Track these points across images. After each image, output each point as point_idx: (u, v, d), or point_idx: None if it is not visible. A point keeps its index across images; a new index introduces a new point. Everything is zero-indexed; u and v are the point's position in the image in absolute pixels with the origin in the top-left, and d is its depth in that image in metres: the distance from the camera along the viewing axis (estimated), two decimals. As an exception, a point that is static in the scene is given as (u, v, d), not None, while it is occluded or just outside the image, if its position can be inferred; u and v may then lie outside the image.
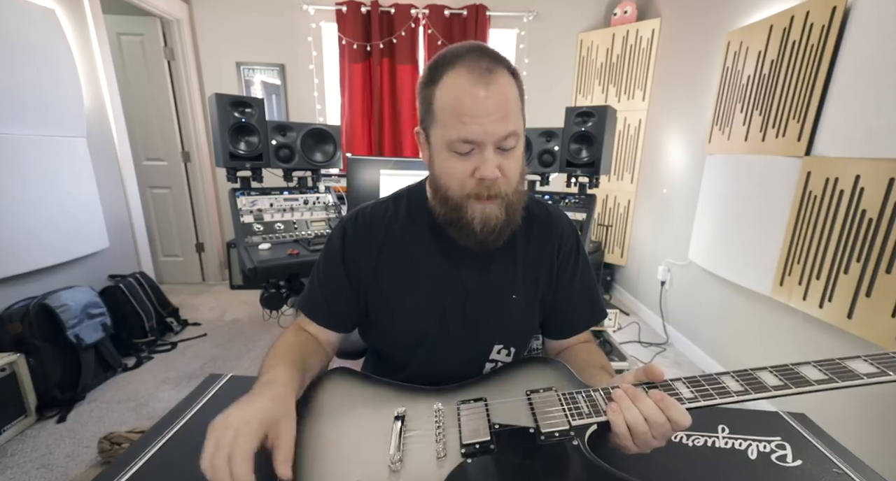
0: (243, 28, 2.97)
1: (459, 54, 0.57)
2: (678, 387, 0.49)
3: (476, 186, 0.59)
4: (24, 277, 1.81)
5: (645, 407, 0.46)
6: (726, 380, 0.48)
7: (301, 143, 1.92)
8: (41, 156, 1.86)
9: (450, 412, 0.55)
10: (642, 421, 0.46)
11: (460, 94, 0.55)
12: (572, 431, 0.49)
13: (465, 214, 0.61)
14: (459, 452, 0.49)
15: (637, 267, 3.04)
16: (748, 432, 0.59)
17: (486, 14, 2.94)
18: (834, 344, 1.49)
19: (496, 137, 0.56)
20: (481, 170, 0.57)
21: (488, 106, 0.54)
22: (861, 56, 1.39)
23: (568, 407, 0.52)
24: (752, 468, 0.53)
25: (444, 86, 0.57)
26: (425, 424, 0.53)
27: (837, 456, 0.55)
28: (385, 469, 0.48)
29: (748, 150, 1.87)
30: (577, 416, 0.50)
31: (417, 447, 0.51)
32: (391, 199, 0.75)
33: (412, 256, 0.69)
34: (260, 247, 1.69)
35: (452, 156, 0.58)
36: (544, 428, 0.49)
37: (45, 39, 1.90)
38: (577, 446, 0.48)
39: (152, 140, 2.99)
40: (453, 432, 0.51)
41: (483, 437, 0.49)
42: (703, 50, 2.29)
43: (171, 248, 3.24)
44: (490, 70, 0.55)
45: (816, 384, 0.46)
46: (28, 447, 1.53)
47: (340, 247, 0.70)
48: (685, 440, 0.59)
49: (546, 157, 2.01)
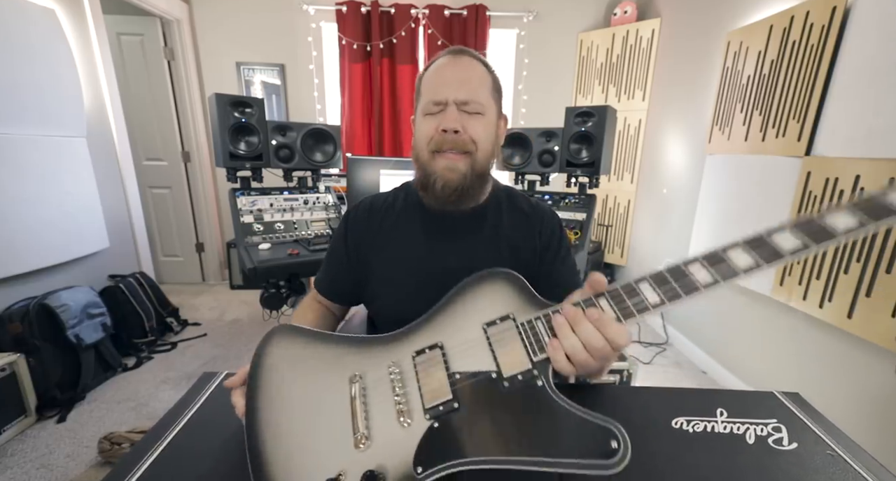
0: (243, 28, 2.97)
1: (445, 51, 0.72)
2: (643, 290, 0.46)
3: (439, 139, 0.67)
4: (24, 277, 1.81)
5: (583, 331, 0.45)
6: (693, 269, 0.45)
7: (301, 143, 1.92)
8: (41, 156, 1.86)
9: (406, 366, 0.52)
10: (581, 349, 0.45)
11: (435, 69, 0.71)
12: (535, 370, 0.46)
13: (429, 173, 0.70)
14: (424, 416, 0.47)
15: (637, 267, 3.04)
16: (745, 415, 0.60)
17: (486, 14, 2.94)
18: (834, 344, 1.49)
19: (457, 98, 0.67)
20: (443, 122, 0.67)
21: (453, 74, 0.68)
22: (861, 56, 1.39)
23: (528, 338, 0.49)
24: (751, 452, 0.54)
25: (429, 69, 0.72)
26: (383, 386, 0.50)
27: (831, 437, 0.57)
28: (352, 449, 0.46)
29: (748, 150, 1.87)
30: (539, 350, 0.47)
31: (381, 415, 0.48)
32: (393, 190, 0.84)
33: (403, 239, 0.77)
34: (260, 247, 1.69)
35: (426, 119, 0.69)
36: (506, 372, 0.47)
37: (45, 39, 1.90)
38: (542, 387, 0.46)
39: (152, 140, 2.99)
40: (414, 393, 0.49)
41: (445, 397, 0.47)
42: (703, 50, 2.29)
43: (171, 248, 3.25)
44: (460, 52, 0.71)
45: (790, 254, 0.43)
46: (28, 447, 1.53)
47: (343, 229, 0.81)
48: (685, 426, 0.59)
49: (546, 157, 2.01)
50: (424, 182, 0.71)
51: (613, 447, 0.39)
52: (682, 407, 0.62)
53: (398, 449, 0.45)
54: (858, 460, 0.53)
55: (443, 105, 0.67)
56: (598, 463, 0.39)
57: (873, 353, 1.34)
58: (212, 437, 0.60)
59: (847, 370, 1.44)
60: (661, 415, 0.60)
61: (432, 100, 0.68)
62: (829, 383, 1.51)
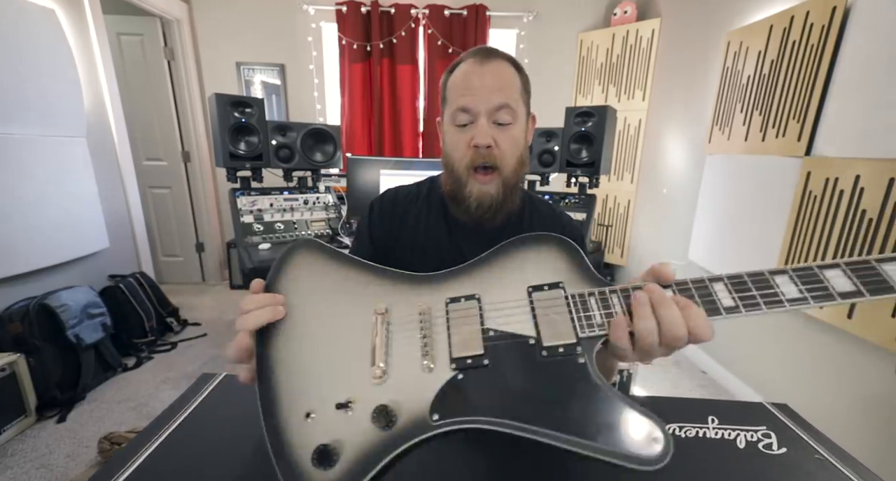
0: (243, 28, 2.97)
1: (471, 52, 0.69)
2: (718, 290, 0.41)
3: (473, 155, 0.65)
4: (24, 277, 1.81)
5: (667, 314, 0.39)
6: (780, 281, 0.39)
7: (301, 143, 1.92)
8: (41, 157, 1.86)
9: (437, 311, 0.48)
10: (654, 333, 0.40)
11: (462, 74, 0.66)
12: (579, 346, 0.42)
13: (464, 189, 0.68)
14: (449, 366, 0.44)
15: (637, 267, 3.04)
16: (735, 422, 0.62)
17: (486, 14, 2.94)
18: (834, 344, 1.49)
19: (489, 107, 0.63)
20: (475, 137, 0.64)
21: (483, 79, 0.64)
22: (861, 56, 1.39)
23: (576, 312, 0.44)
24: (742, 457, 0.56)
25: (455, 72, 0.68)
26: (410, 327, 0.47)
27: (818, 443, 0.58)
28: (368, 381, 0.44)
29: (748, 150, 1.87)
30: (587, 327, 0.43)
31: (401, 357, 0.46)
32: (416, 184, 0.83)
33: (424, 233, 0.76)
34: (260, 247, 1.69)
35: (455, 130, 0.66)
36: (546, 341, 0.43)
37: (45, 39, 1.90)
38: (584, 364, 0.41)
39: (152, 140, 2.99)
40: (442, 340, 0.46)
41: (475, 351, 0.44)
42: (703, 50, 2.29)
43: (171, 248, 3.25)
44: (489, 55, 0.66)
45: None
46: (28, 447, 1.53)
47: (368, 220, 0.80)
48: (677, 431, 0.60)
49: (546, 157, 2.01)
50: (457, 196, 0.69)
51: (656, 451, 0.36)
52: (675, 414, 0.64)
53: (416, 392, 0.43)
54: (846, 464, 0.54)
55: (472, 115, 0.64)
56: (639, 456, 0.35)
57: (873, 354, 1.34)
58: (208, 437, 0.60)
59: (847, 370, 1.44)
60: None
61: (460, 106, 0.64)
62: (828, 383, 1.51)
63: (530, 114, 0.74)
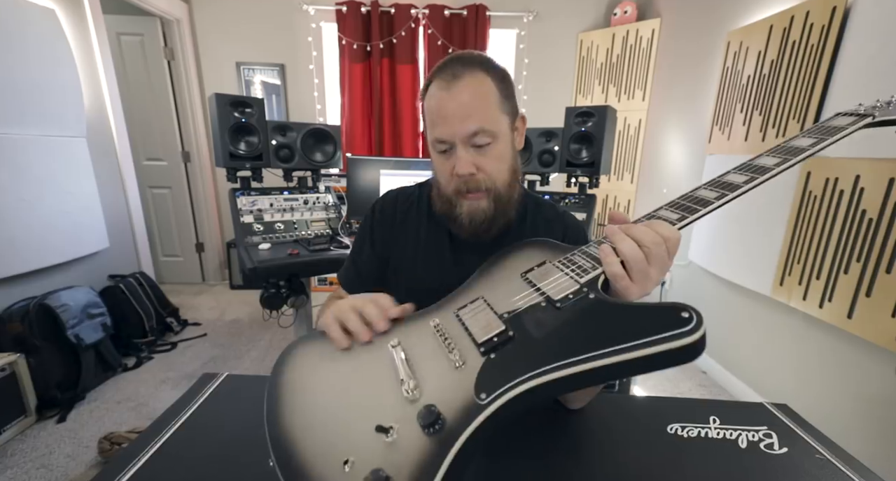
0: (243, 28, 2.97)
1: (439, 66, 0.65)
2: (662, 214, 0.51)
3: (458, 183, 0.65)
4: (24, 277, 1.81)
5: (637, 231, 0.45)
6: (701, 193, 0.52)
7: (301, 143, 1.92)
8: (41, 157, 1.86)
9: (450, 322, 0.50)
10: (636, 249, 0.44)
11: (433, 101, 0.64)
12: (585, 288, 0.45)
13: (454, 209, 0.68)
14: (479, 353, 0.44)
15: (637, 267, 3.03)
16: (737, 422, 0.62)
17: (486, 14, 2.94)
18: (834, 344, 1.49)
19: (462, 136, 0.61)
20: (456, 167, 0.63)
21: (451, 108, 0.61)
22: (861, 56, 1.39)
23: (569, 269, 0.49)
24: (743, 456, 0.56)
25: (428, 95, 0.65)
26: (429, 343, 0.48)
27: (819, 443, 0.59)
28: (402, 402, 0.42)
29: (748, 150, 1.87)
30: (583, 273, 0.47)
31: (429, 367, 0.45)
32: (418, 186, 0.83)
33: (422, 237, 0.76)
34: (260, 247, 1.69)
35: (438, 156, 0.67)
36: (555, 296, 0.45)
37: (45, 39, 1.90)
38: (596, 298, 0.43)
39: (152, 140, 2.99)
40: (463, 337, 0.47)
41: (497, 328, 0.45)
42: (703, 50, 2.29)
43: (171, 248, 3.25)
44: (455, 75, 0.61)
45: (775, 168, 0.50)
46: (28, 447, 1.53)
47: (370, 221, 0.81)
48: (680, 431, 0.61)
49: (546, 157, 2.01)
50: (450, 215, 0.69)
51: (685, 317, 0.36)
52: (677, 414, 0.64)
53: (456, 389, 0.41)
54: (846, 463, 0.55)
55: (449, 143, 0.63)
56: (676, 332, 0.35)
57: (873, 353, 1.34)
58: (210, 438, 0.60)
59: (847, 370, 1.44)
60: (657, 422, 0.62)
61: (436, 137, 0.64)
62: (828, 384, 1.51)
63: (518, 115, 0.70)
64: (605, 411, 0.66)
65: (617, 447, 0.58)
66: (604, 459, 0.55)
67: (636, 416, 0.65)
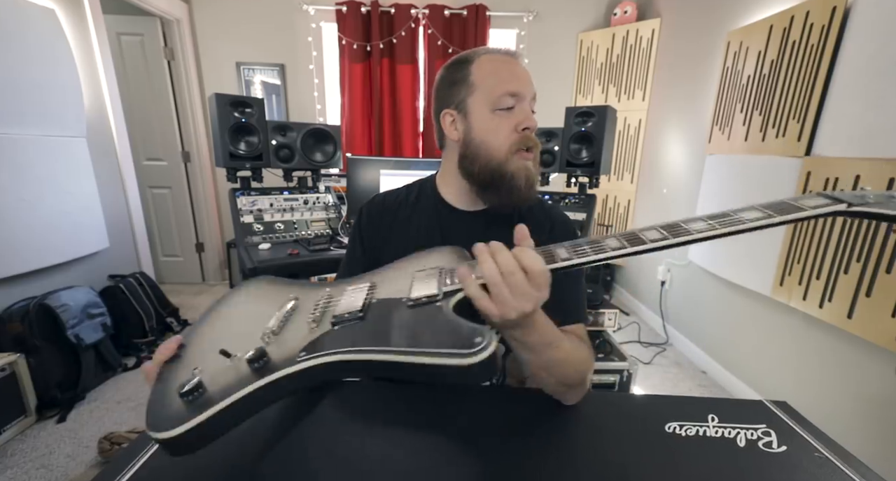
0: (243, 28, 2.97)
1: (481, 48, 0.73)
2: (555, 250, 0.49)
3: (519, 139, 0.68)
4: (24, 277, 1.81)
5: (500, 256, 0.45)
6: (608, 241, 0.48)
7: (301, 143, 1.92)
8: (41, 157, 1.86)
9: (337, 294, 0.57)
10: (496, 272, 0.44)
11: (499, 63, 0.69)
12: (440, 296, 0.48)
13: (507, 172, 0.68)
14: (330, 322, 0.50)
15: (637, 267, 3.04)
16: (736, 421, 0.62)
17: (486, 14, 2.95)
18: (834, 344, 1.49)
19: (532, 93, 0.69)
20: (525, 120, 0.67)
21: (520, 71, 0.69)
22: (861, 56, 1.39)
23: (444, 277, 0.52)
24: (742, 455, 0.56)
25: (481, 62, 0.70)
26: (311, 305, 0.56)
27: (818, 441, 0.59)
28: (256, 341, 0.49)
29: (748, 150, 1.87)
30: (449, 283, 0.50)
31: (297, 321, 0.53)
32: (405, 187, 0.85)
33: (416, 233, 0.78)
34: (260, 247, 1.69)
35: (496, 117, 0.68)
36: (413, 295, 0.50)
37: (45, 39, 1.90)
38: (440, 307, 0.47)
39: (152, 140, 2.99)
40: (333, 309, 0.53)
41: (354, 308, 0.51)
42: (703, 50, 2.29)
43: (171, 248, 3.25)
44: (510, 53, 0.71)
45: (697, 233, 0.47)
46: (28, 447, 1.53)
47: (358, 225, 0.84)
48: (678, 430, 0.60)
49: (546, 157, 2.01)
50: (495, 179, 0.69)
51: (476, 341, 0.39)
52: (675, 412, 0.64)
53: (295, 341, 0.49)
54: (846, 462, 0.54)
55: (519, 99, 0.68)
56: (455, 351, 0.39)
57: (873, 353, 1.34)
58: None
59: (847, 370, 1.44)
60: (655, 420, 0.62)
61: (509, 90, 0.67)
62: (828, 383, 1.51)
63: None
64: (602, 410, 0.66)
65: (614, 445, 0.58)
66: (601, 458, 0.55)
67: (634, 415, 0.65)
